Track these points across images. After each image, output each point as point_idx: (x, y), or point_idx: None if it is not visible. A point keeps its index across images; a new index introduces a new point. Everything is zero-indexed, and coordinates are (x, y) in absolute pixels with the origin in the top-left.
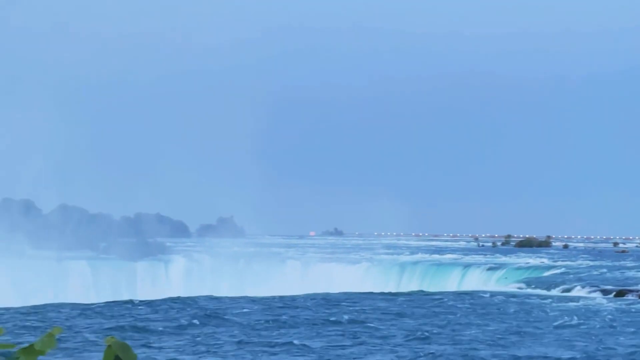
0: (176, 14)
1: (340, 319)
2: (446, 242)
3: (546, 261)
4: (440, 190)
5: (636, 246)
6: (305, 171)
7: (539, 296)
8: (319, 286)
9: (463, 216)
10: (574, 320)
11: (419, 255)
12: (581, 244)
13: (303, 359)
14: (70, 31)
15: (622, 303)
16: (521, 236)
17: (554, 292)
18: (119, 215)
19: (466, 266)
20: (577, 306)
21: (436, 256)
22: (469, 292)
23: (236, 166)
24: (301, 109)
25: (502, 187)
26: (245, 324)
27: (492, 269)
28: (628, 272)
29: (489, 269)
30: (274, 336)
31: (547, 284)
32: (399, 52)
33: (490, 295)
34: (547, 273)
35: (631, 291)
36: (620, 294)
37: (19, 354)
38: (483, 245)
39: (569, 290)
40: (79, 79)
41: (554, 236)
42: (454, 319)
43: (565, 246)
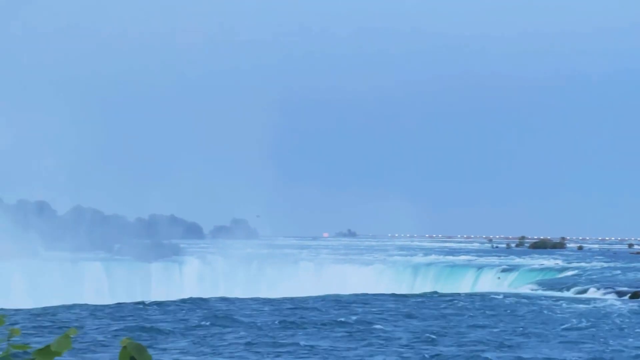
0: (189, 15)
1: (348, 320)
2: (460, 244)
3: (560, 263)
4: (453, 192)
5: None
6: (318, 172)
7: (552, 298)
8: (332, 288)
9: (477, 218)
10: (584, 322)
11: (432, 257)
12: (596, 246)
13: (307, 359)
14: (83, 32)
15: (636, 305)
16: (535, 238)
17: (567, 293)
18: (133, 217)
19: (480, 267)
20: (590, 308)
21: (450, 257)
22: (481, 294)
23: (250, 168)
24: (314, 110)
25: (516, 189)
26: (253, 325)
27: (506, 270)
28: None
29: (503, 270)
30: (280, 337)
31: (561, 285)
32: (411, 54)
33: (502, 297)
34: (561, 275)
35: None
36: (635, 295)
37: (35, 355)
38: (497, 247)
39: (584, 291)
40: (92, 80)
41: (568, 237)
42: (463, 320)
43: (580, 247)
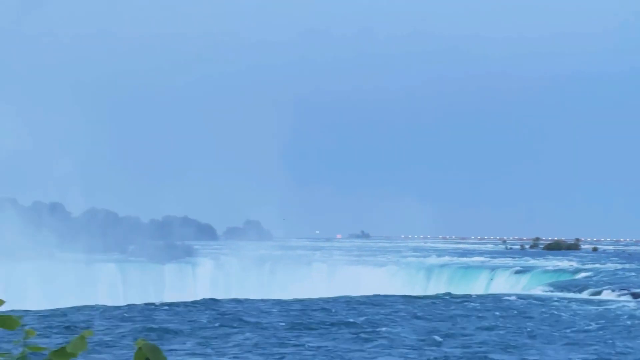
0: (202, 17)
1: (356, 321)
2: (473, 245)
3: (575, 264)
4: (467, 193)
5: None
6: (331, 174)
7: (565, 299)
8: (345, 289)
9: (490, 219)
10: (593, 324)
11: (446, 258)
12: (611, 247)
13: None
14: (99, 35)
15: None
16: (549, 239)
17: (581, 295)
18: (147, 218)
19: (493, 269)
20: (602, 309)
21: (463, 259)
22: (494, 295)
23: (263, 169)
24: (328, 112)
25: (530, 190)
26: (261, 326)
27: (520, 272)
28: None
29: (516, 272)
30: (286, 338)
31: (575, 287)
32: (426, 55)
33: (515, 299)
34: (576, 276)
35: None
36: None
37: (51, 356)
38: (511, 248)
39: (598, 293)
40: (107, 82)
41: (582, 239)
42: (471, 322)
43: (595, 249)
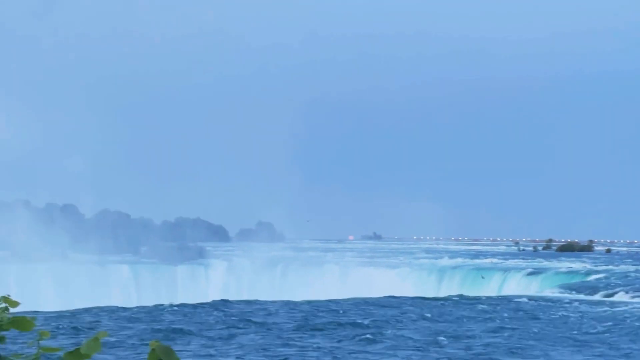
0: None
1: (363, 322)
2: (486, 247)
3: (588, 266)
4: (480, 194)
5: None
6: (343, 175)
7: (577, 301)
8: (358, 291)
9: (503, 220)
10: (601, 326)
11: (458, 260)
12: (624, 249)
13: None
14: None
15: None
16: (562, 240)
17: (595, 297)
18: (160, 220)
19: (506, 271)
20: (612, 311)
21: (476, 261)
22: (506, 297)
23: (275, 171)
24: (340, 113)
25: (543, 191)
26: (268, 327)
27: (533, 273)
28: None
29: (529, 273)
30: (291, 338)
31: (587, 288)
32: (435, 57)
33: (526, 300)
34: (589, 278)
35: None
36: None
37: (65, 357)
38: (524, 250)
39: (611, 295)
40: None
41: (596, 240)
42: (478, 323)
43: (608, 250)
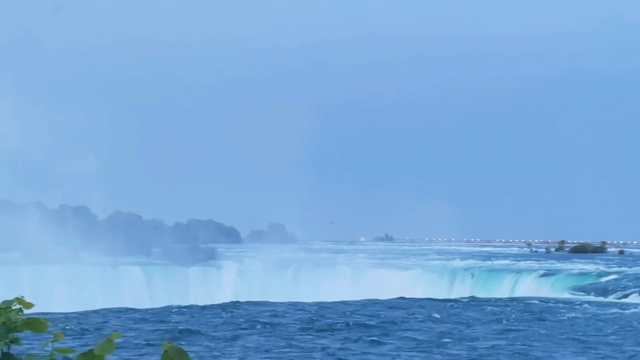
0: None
1: (370, 323)
2: (498, 248)
3: (601, 267)
4: (491, 196)
5: None
6: (355, 177)
7: (589, 303)
8: (369, 292)
9: (515, 221)
10: (608, 328)
11: (470, 261)
12: (637, 250)
13: None
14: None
15: None
16: (575, 242)
17: (607, 299)
18: (172, 221)
19: (518, 272)
20: (623, 313)
21: (488, 262)
22: (518, 299)
23: (287, 172)
24: (351, 115)
25: (555, 192)
26: (273, 327)
27: (546, 275)
28: None
29: (541, 275)
30: (295, 339)
31: (600, 290)
32: (446, 58)
33: (537, 302)
34: (602, 279)
35: None
36: None
37: (78, 358)
38: (536, 251)
39: (624, 296)
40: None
41: (609, 242)
42: (485, 325)
43: (621, 252)
